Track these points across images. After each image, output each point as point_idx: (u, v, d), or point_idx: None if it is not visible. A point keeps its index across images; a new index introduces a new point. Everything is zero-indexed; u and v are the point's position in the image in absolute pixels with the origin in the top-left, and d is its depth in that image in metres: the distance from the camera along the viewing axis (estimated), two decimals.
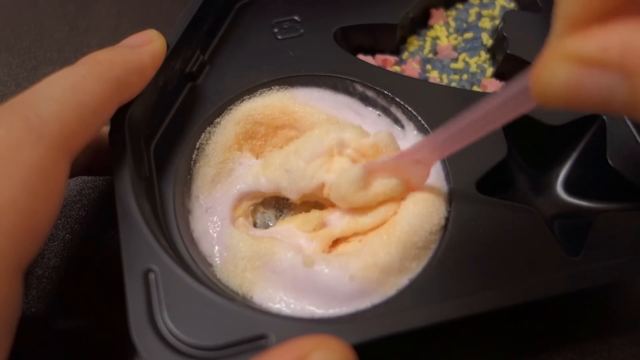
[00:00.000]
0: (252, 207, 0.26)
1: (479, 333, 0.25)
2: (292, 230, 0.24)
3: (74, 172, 0.20)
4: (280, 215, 0.27)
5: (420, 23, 0.33)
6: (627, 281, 0.27)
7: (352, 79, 0.28)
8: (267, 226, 0.26)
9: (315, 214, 0.25)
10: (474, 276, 0.22)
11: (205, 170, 0.26)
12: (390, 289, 0.22)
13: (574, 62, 0.13)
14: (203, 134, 0.26)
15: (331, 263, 0.22)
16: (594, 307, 0.26)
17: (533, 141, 0.27)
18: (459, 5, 0.34)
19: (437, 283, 0.22)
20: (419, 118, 0.26)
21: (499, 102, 0.18)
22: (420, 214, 0.23)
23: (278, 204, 0.27)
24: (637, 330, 0.26)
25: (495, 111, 0.18)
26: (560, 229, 0.26)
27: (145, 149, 0.24)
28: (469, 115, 0.19)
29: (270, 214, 0.27)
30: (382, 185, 0.23)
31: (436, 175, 0.25)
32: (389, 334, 0.19)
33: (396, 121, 0.28)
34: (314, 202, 0.26)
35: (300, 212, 0.26)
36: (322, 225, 0.24)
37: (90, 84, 0.20)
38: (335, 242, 0.24)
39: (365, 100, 0.28)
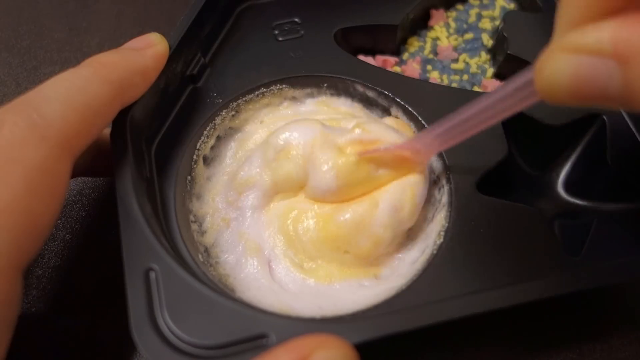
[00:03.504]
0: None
1: (479, 333, 0.25)
2: None
3: (74, 173, 0.20)
4: None
5: (421, 24, 0.33)
6: (627, 281, 0.27)
7: (353, 79, 0.28)
8: None
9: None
10: (474, 276, 0.22)
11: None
12: None
13: (573, 52, 0.14)
14: (203, 136, 0.27)
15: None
16: (594, 307, 0.26)
17: (533, 141, 0.27)
18: (459, 6, 0.34)
19: (437, 283, 0.22)
20: (420, 118, 0.26)
21: (502, 95, 0.18)
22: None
23: None
24: (637, 330, 0.26)
25: (496, 104, 0.18)
26: (560, 229, 0.26)
27: (146, 150, 0.24)
28: (470, 108, 0.20)
29: None
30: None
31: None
32: (390, 334, 0.19)
33: None
34: None
35: None
36: None
37: (94, 85, 0.21)
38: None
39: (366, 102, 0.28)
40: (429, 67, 0.32)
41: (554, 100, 0.15)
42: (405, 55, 0.32)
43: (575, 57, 0.14)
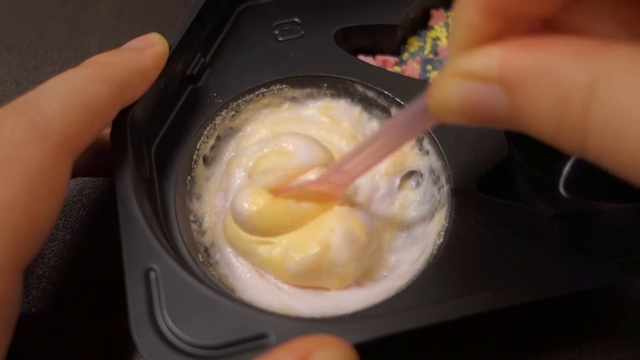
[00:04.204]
0: None
1: (479, 333, 0.25)
2: None
3: (74, 173, 0.20)
4: None
5: (421, 24, 0.33)
6: (627, 281, 0.27)
7: (353, 79, 0.28)
8: None
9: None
10: (474, 276, 0.22)
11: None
12: None
13: (462, 78, 0.14)
14: (203, 136, 0.27)
15: None
16: (594, 307, 0.26)
17: (533, 141, 0.27)
18: None
19: (437, 283, 0.22)
20: None
21: (402, 121, 0.19)
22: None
23: None
24: (637, 331, 0.26)
25: (399, 132, 0.19)
26: (560, 229, 0.26)
27: (146, 150, 0.24)
28: (374, 139, 0.20)
29: None
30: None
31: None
32: (390, 334, 0.19)
33: None
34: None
35: None
36: None
37: (94, 85, 0.21)
38: None
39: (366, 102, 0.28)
40: (429, 67, 0.32)
41: (449, 122, 0.16)
42: (405, 55, 0.32)
43: (463, 83, 0.14)
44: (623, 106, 0.12)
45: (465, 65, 0.14)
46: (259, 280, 0.24)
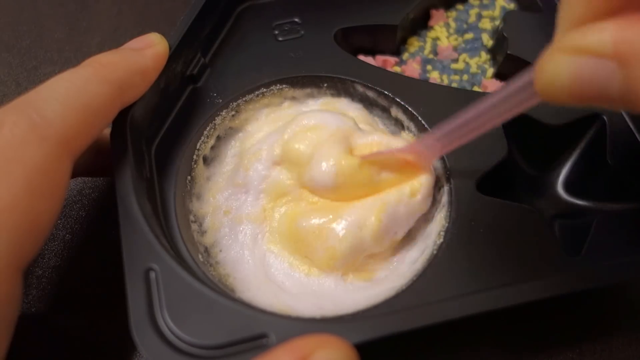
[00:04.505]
0: None
1: (479, 333, 0.25)
2: None
3: (74, 173, 0.20)
4: None
5: (421, 24, 0.33)
6: (627, 281, 0.27)
7: (353, 79, 0.28)
8: None
9: None
10: (474, 276, 0.22)
11: None
12: None
13: (574, 53, 0.14)
14: (203, 136, 0.27)
15: None
16: (594, 307, 0.26)
17: (533, 141, 0.27)
18: (459, 6, 0.34)
19: (437, 283, 0.22)
20: (420, 118, 0.26)
21: (502, 96, 0.18)
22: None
23: None
24: (637, 330, 0.26)
25: (497, 106, 0.18)
26: (560, 229, 0.26)
27: (146, 150, 0.24)
28: (471, 110, 0.20)
29: None
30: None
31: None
32: (390, 334, 0.19)
33: (397, 121, 0.28)
34: None
35: None
36: None
37: (94, 85, 0.21)
38: None
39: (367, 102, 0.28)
40: (429, 67, 0.32)
41: (554, 100, 0.15)
42: (405, 55, 0.32)
43: (575, 58, 0.14)
44: None
45: (578, 40, 0.14)
46: (261, 279, 0.24)
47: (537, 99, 0.16)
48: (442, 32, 0.33)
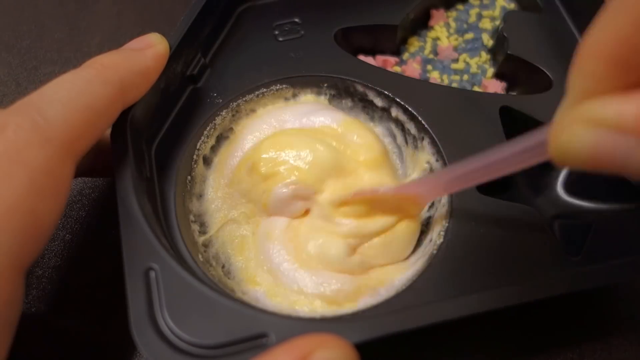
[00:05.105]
0: None
1: (479, 333, 0.25)
2: None
3: (75, 173, 0.20)
4: None
5: (421, 24, 0.33)
6: (627, 281, 0.27)
7: (353, 79, 0.28)
8: None
9: None
10: (474, 276, 0.22)
11: None
12: None
13: (592, 125, 0.14)
14: (203, 136, 0.27)
15: None
16: (594, 307, 0.26)
17: None
18: (459, 6, 0.34)
19: (437, 283, 0.22)
20: (420, 118, 0.26)
21: (513, 152, 0.18)
22: None
23: None
24: (637, 330, 0.26)
25: (507, 160, 0.19)
26: (560, 229, 0.26)
27: (146, 150, 0.24)
28: (479, 160, 0.20)
29: None
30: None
31: None
32: (390, 334, 0.19)
33: (396, 121, 0.28)
34: None
35: None
36: None
37: (96, 86, 0.21)
38: None
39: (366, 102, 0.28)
40: (429, 67, 0.32)
41: (568, 166, 0.15)
42: (405, 55, 0.32)
43: (594, 131, 0.13)
44: None
45: (597, 112, 0.13)
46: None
47: (547, 157, 0.16)
48: (442, 32, 0.33)
